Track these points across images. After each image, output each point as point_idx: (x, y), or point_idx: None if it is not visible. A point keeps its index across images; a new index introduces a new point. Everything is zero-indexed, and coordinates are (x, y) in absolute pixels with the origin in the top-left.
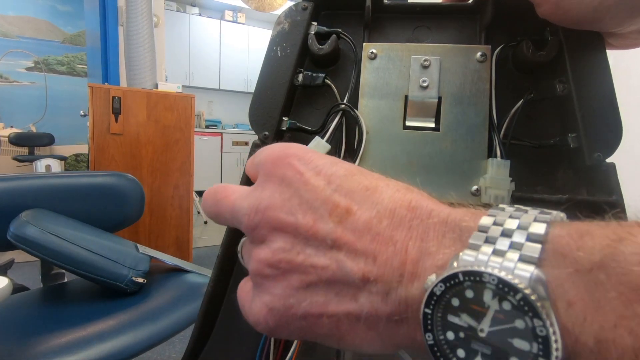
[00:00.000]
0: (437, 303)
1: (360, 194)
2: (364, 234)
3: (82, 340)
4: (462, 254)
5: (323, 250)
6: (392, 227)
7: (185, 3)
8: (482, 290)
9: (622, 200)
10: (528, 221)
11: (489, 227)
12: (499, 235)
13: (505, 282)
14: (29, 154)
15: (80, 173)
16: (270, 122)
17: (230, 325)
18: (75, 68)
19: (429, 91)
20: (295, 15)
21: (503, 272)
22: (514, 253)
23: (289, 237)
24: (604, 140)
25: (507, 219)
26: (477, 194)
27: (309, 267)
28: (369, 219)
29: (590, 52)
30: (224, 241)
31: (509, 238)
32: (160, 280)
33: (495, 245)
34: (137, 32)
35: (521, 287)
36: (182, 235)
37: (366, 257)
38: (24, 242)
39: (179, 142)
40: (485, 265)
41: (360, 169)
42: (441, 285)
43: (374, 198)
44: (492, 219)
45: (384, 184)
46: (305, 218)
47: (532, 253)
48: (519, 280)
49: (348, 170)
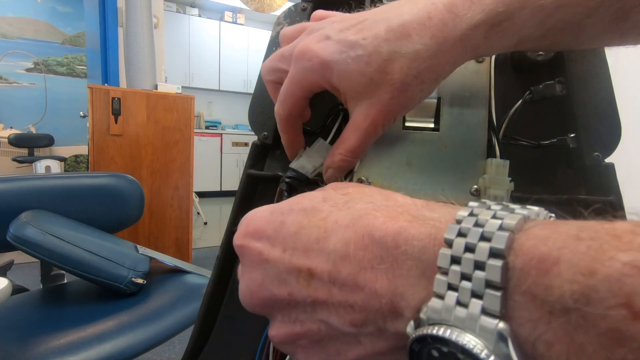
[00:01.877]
0: (419, 355)
1: (314, 248)
2: (332, 287)
3: (81, 341)
4: (430, 305)
5: (310, 313)
6: (354, 273)
7: (184, 4)
8: (452, 349)
9: (621, 200)
10: (484, 257)
11: (447, 269)
12: (459, 280)
13: (465, 350)
14: (28, 155)
15: (80, 174)
16: (270, 123)
17: (229, 326)
18: (75, 69)
19: None
20: (295, 16)
21: (466, 334)
22: (477, 303)
23: (281, 310)
24: (602, 140)
25: (464, 255)
26: (477, 194)
27: (308, 332)
28: (330, 272)
29: (589, 52)
30: (223, 242)
31: (469, 282)
32: (160, 281)
33: (458, 294)
34: (136, 33)
35: (478, 353)
36: (181, 236)
37: (345, 308)
38: (23, 243)
39: (179, 143)
40: (451, 321)
41: (310, 210)
42: (417, 345)
43: (327, 248)
44: (449, 254)
45: (333, 222)
46: (280, 291)
47: (493, 305)
48: (483, 340)
49: (297, 223)
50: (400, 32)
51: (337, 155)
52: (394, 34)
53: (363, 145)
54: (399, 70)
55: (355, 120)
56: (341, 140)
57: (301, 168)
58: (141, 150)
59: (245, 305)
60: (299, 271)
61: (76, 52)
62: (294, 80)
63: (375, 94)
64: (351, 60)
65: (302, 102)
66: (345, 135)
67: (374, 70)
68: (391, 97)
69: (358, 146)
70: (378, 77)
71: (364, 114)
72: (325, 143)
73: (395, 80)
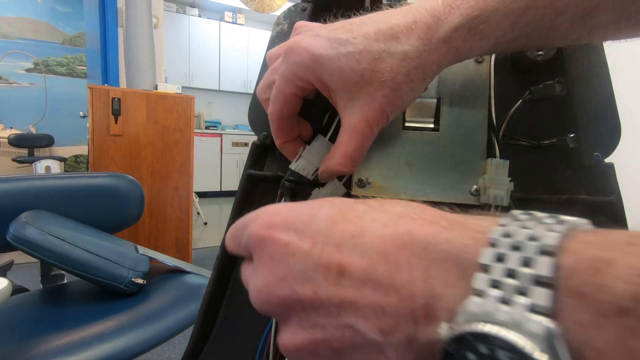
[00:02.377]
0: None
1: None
2: (364, 286)
3: (81, 342)
4: (468, 304)
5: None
6: (391, 272)
7: (184, 4)
8: (494, 349)
9: (620, 200)
10: (532, 253)
11: (490, 266)
12: (503, 277)
13: (514, 348)
14: (28, 155)
15: (79, 174)
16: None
17: (229, 326)
18: (75, 69)
19: (428, 91)
20: (295, 16)
21: (512, 332)
22: (523, 301)
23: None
24: (602, 140)
25: (510, 252)
26: (476, 194)
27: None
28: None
29: (589, 53)
30: (223, 242)
31: (515, 280)
32: (160, 281)
33: (501, 291)
34: (136, 33)
35: (531, 352)
36: (181, 236)
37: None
38: (23, 244)
39: (179, 143)
40: (493, 320)
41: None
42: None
43: (363, 244)
44: (493, 252)
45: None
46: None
47: (543, 302)
48: (530, 340)
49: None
50: (388, 34)
51: (334, 163)
52: (383, 35)
53: (361, 149)
54: (390, 69)
55: (350, 122)
56: (337, 146)
57: (301, 169)
58: (141, 150)
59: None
60: (328, 268)
61: (76, 52)
62: (283, 76)
63: (367, 92)
64: (342, 55)
65: (293, 100)
66: (341, 140)
67: (365, 68)
68: (384, 96)
69: (355, 150)
70: (369, 74)
71: (358, 114)
72: (325, 140)
73: (386, 79)
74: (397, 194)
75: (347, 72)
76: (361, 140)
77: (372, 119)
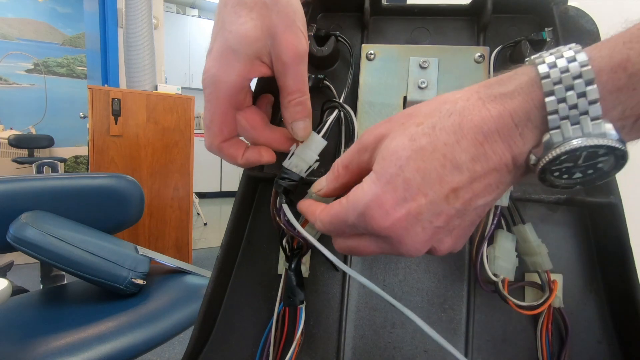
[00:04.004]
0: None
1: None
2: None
3: (81, 342)
4: (551, 136)
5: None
6: (485, 163)
7: (184, 5)
8: (584, 154)
9: (620, 200)
10: (582, 89)
11: (557, 110)
12: (567, 113)
13: (600, 146)
14: (28, 156)
15: (79, 175)
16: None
17: (230, 327)
18: (75, 70)
19: (428, 92)
20: None
21: (592, 138)
22: (585, 120)
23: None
24: None
25: (567, 94)
26: None
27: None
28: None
29: None
30: (223, 243)
31: (576, 110)
32: (160, 281)
33: (570, 122)
34: (136, 34)
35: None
36: (181, 236)
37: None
38: (23, 244)
39: (179, 144)
40: (574, 137)
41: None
42: (545, 161)
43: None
44: (554, 100)
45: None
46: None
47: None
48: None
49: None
50: None
51: (289, 103)
52: None
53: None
54: None
55: (280, 59)
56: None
57: (294, 167)
58: (141, 151)
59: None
60: (446, 198)
61: (76, 53)
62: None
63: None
64: None
65: (228, 115)
66: (283, 82)
67: None
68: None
69: (295, 81)
70: None
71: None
72: (318, 136)
73: None
74: None
75: None
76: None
77: None
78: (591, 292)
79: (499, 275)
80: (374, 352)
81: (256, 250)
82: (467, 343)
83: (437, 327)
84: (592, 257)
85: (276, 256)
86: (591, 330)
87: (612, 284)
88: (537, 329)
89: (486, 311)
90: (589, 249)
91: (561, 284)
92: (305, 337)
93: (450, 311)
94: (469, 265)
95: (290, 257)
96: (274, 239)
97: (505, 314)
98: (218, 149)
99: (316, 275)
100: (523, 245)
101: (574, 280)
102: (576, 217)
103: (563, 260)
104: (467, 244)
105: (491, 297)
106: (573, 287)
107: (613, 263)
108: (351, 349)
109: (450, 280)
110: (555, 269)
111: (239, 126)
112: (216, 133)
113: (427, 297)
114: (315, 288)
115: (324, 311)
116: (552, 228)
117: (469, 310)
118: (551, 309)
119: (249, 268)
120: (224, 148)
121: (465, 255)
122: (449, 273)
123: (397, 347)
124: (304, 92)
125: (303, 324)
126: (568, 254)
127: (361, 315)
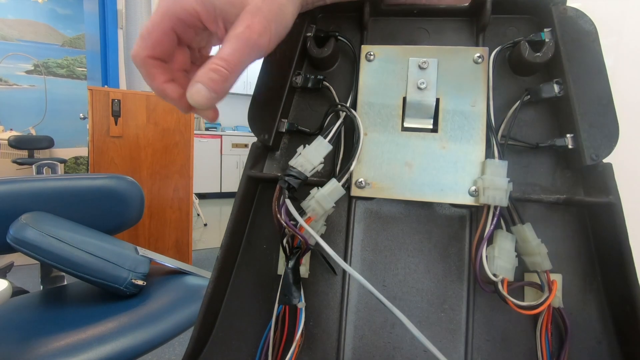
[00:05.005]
0: None
1: None
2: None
3: (81, 343)
4: None
5: None
6: None
7: None
8: None
9: (619, 200)
10: None
11: None
12: None
13: None
14: (28, 157)
15: (79, 176)
16: (270, 124)
17: (229, 327)
18: (75, 71)
19: (427, 92)
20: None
21: None
22: None
23: None
24: (601, 140)
25: None
26: (475, 194)
27: None
28: None
29: (587, 53)
30: (223, 243)
31: None
32: (160, 282)
33: None
34: (136, 35)
35: None
36: (181, 237)
37: None
38: (23, 245)
39: (179, 145)
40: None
41: None
42: None
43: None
44: None
45: None
46: None
47: None
48: None
49: None
50: None
51: (209, 65)
52: None
53: (238, 54)
54: None
55: (232, 31)
56: (216, 54)
57: (300, 166)
58: (141, 151)
59: None
60: None
61: (76, 54)
62: (160, 9)
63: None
64: None
65: (168, 36)
66: (221, 48)
67: None
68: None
69: (232, 53)
70: None
71: (240, 23)
72: (325, 141)
73: None
74: (396, 194)
75: None
76: (240, 44)
77: (255, 25)
78: (591, 292)
79: (498, 276)
80: (373, 352)
81: (256, 251)
82: (467, 343)
83: (436, 327)
84: (592, 257)
85: (276, 257)
86: (591, 330)
87: (612, 283)
88: (537, 329)
89: (486, 311)
90: (589, 249)
91: (561, 284)
92: (305, 338)
93: (450, 311)
94: (468, 266)
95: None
96: (274, 240)
97: (505, 314)
98: (142, 62)
99: (316, 276)
100: (522, 245)
101: (573, 280)
102: (575, 217)
103: (562, 260)
104: (467, 244)
105: (491, 297)
106: (572, 287)
107: (612, 263)
108: (351, 349)
109: (450, 281)
110: (554, 269)
111: None
112: (148, 45)
113: (427, 297)
114: (315, 289)
115: (324, 311)
116: (551, 228)
117: (468, 310)
118: (551, 309)
119: (249, 269)
120: (147, 64)
121: (465, 255)
122: (449, 273)
123: (397, 347)
124: (232, 70)
125: (303, 325)
126: (567, 254)
127: (361, 316)
